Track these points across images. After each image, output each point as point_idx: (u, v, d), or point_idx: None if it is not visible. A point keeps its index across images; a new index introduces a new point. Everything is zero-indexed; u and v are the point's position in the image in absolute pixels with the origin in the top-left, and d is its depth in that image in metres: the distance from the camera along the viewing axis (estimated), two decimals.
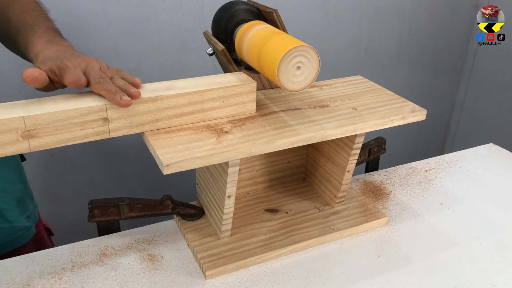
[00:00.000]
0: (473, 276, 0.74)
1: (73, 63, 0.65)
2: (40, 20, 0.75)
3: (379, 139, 1.02)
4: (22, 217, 0.88)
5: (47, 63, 0.65)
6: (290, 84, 0.69)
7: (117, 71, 0.69)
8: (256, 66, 0.74)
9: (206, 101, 0.71)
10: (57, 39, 0.71)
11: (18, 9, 0.76)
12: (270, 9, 0.79)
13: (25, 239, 0.89)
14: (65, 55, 0.66)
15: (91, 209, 0.79)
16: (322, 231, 0.81)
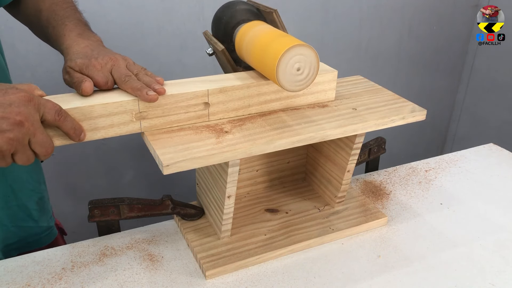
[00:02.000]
0: (473, 276, 0.74)
1: (100, 63, 0.67)
2: (70, 13, 0.77)
3: (379, 139, 1.02)
4: (46, 217, 0.89)
5: (76, 61, 0.67)
6: (289, 85, 0.68)
7: (141, 68, 0.71)
8: (256, 66, 0.74)
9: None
10: (87, 33, 0.74)
11: (48, 2, 0.79)
12: (270, 9, 0.79)
13: (49, 240, 0.90)
14: (93, 53, 0.69)
15: (91, 209, 0.79)
16: (322, 231, 0.81)
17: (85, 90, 0.65)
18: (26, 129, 0.56)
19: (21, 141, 0.56)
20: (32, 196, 0.85)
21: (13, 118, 0.55)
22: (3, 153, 0.55)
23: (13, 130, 0.55)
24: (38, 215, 0.87)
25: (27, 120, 0.56)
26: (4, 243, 0.81)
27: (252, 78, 0.74)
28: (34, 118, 0.57)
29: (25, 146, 0.57)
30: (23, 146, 0.57)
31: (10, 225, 0.82)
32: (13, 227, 0.82)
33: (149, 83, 0.67)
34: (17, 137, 0.55)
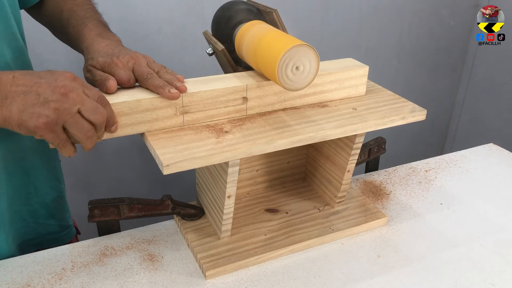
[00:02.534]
0: (473, 276, 0.74)
1: (122, 61, 0.68)
2: (90, 13, 0.79)
3: (379, 139, 1.02)
4: (65, 215, 0.90)
5: (98, 60, 0.68)
6: (289, 84, 0.69)
7: (162, 66, 0.72)
8: (255, 66, 0.74)
9: (325, 83, 0.78)
10: (106, 33, 0.75)
11: (69, 3, 0.80)
12: (270, 9, 0.79)
13: (68, 238, 0.91)
14: (114, 52, 0.70)
15: (91, 209, 0.79)
16: (322, 231, 0.81)
17: (109, 88, 0.66)
18: (72, 99, 0.57)
19: (68, 110, 0.57)
20: (52, 194, 0.85)
21: (58, 90, 0.57)
22: (51, 123, 0.56)
23: (58, 100, 0.56)
24: (58, 213, 0.87)
25: (71, 92, 0.57)
26: (23, 238, 0.82)
27: None
28: (79, 90, 0.58)
29: (75, 116, 0.58)
30: (72, 115, 0.57)
31: (30, 220, 0.82)
32: (33, 223, 0.83)
33: (170, 81, 0.68)
34: (63, 106, 0.56)
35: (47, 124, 0.56)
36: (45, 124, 0.56)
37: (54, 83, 0.57)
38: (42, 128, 0.56)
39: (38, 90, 0.56)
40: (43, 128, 0.56)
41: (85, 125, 0.59)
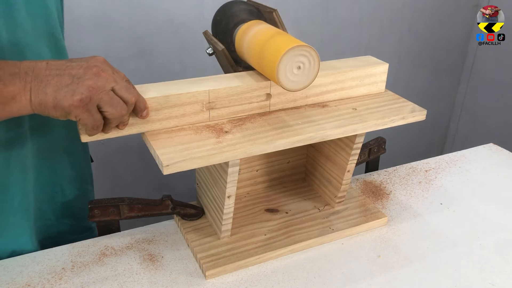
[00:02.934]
0: (473, 276, 0.74)
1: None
2: None
3: (379, 139, 1.02)
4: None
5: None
6: (290, 84, 0.68)
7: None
8: (256, 66, 0.74)
9: (346, 80, 0.80)
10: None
11: None
12: (270, 9, 0.79)
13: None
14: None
15: (91, 209, 0.79)
16: (322, 231, 0.81)
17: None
18: (104, 78, 0.59)
19: (103, 88, 0.58)
20: (77, 196, 0.86)
21: (91, 70, 0.58)
22: (86, 100, 0.57)
23: (91, 78, 0.58)
24: (81, 214, 0.87)
25: (104, 71, 0.59)
26: (44, 235, 0.82)
27: None
28: (110, 71, 0.60)
29: (110, 93, 0.59)
30: (107, 92, 0.59)
31: (53, 219, 0.83)
32: (56, 222, 0.84)
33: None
34: (97, 84, 0.58)
35: (82, 101, 0.57)
36: (79, 101, 0.57)
37: (86, 64, 0.59)
38: (77, 106, 0.57)
39: (71, 72, 0.58)
40: (78, 106, 0.57)
41: (120, 102, 0.60)
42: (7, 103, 0.57)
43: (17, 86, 0.57)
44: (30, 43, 0.68)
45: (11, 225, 0.75)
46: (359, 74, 0.80)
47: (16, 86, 0.57)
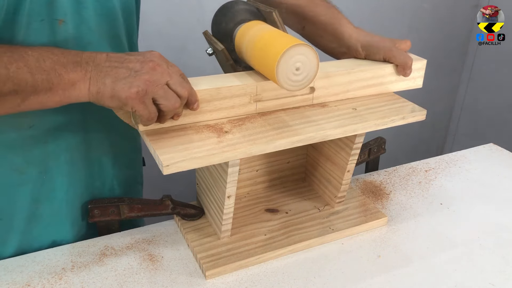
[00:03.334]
0: (473, 276, 0.74)
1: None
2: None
3: (379, 139, 1.02)
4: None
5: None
6: (289, 84, 0.68)
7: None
8: (255, 66, 0.74)
9: (386, 75, 0.82)
10: None
11: None
12: (270, 9, 0.79)
13: None
14: None
15: (91, 209, 0.79)
16: (322, 231, 0.81)
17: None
18: (160, 72, 0.62)
19: (158, 82, 0.61)
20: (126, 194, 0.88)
21: (147, 64, 0.62)
22: (142, 93, 0.60)
23: (148, 72, 0.61)
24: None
25: (159, 66, 0.62)
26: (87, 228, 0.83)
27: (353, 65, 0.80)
28: (165, 66, 0.63)
29: (165, 87, 0.62)
30: (162, 86, 0.61)
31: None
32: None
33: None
34: (152, 78, 0.61)
35: (138, 93, 0.60)
36: (136, 93, 0.60)
37: (143, 58, 0.62)
38: (133, 98, 0.60)
39: (129, 65, 0.61)
40: (134, 98, 0.60)
41: (174, 96, 0.63)
42: (67, 89, 0.60)
43: (78, 74, 0.60)
44: (93, 41, 0.72)
45: (55, 215, 0.78)
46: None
47: (77, 73, 0.60)
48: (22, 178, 0.73)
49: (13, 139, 0.71)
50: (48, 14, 0.66)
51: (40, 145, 0.73)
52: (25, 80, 0.58)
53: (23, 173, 0.73)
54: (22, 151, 0.72)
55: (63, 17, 0.67)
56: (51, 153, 0.74)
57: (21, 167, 0.73)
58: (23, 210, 0.75)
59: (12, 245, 0.76)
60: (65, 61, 0.60)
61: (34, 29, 0.65)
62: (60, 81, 0.59)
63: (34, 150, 0.73)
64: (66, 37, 0.68)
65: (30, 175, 0.74)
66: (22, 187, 0.74)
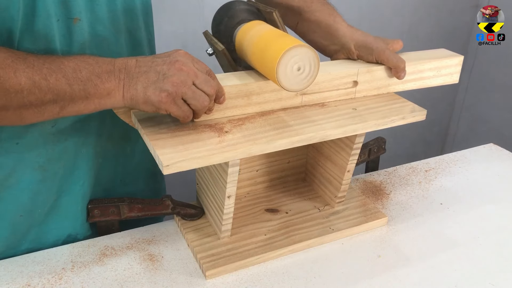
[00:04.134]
0: (473, 276, 0.74)
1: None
2: None
3: (379, 139, 1.02)
4: None
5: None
6: (289, 85, 0.68)
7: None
8: (256, 66, 0.74)
9: (425, 70, 0.84)
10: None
11: None
12: (270, 9, 0.79)
13: None
14: None
15: (91, 209, 0.79)
16: (322, 231, 0.81)
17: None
18: (186, 72, 0.63)
19: (185, 83, 0.63)
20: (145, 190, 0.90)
21: (173, 65, 0.63)
22: (172, 95, 0.63)
23: (175, 74, 0.63)
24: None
25: (185, 65, 0.64)
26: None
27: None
28: (191, 64, 0.65)
29: (192, 87, 0.63)
30: (189, 87, 0.63)
31: None
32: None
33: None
34: (179, 79, 0.63)
35: (169, 96, 0.62)
36: (167, 96, 0.62)
37: (169, 59, 0.64)
38: (165, 102, 0.63)
39: (157, 68, 0.63)
40: (166, 102, 0.63)
41: (202, 95, 0.64)
42: (102, 97, 0.63)
43: (112, 83, 0.63)
44: (108, 37, 0.73)
45: (71, 208, 0.79)
46: (437, 65, 0.85)
47: (111, 83, 0.63)
48: (44, 175, 0.75)
49: (36, 139, 0.72)
50: (63, 13, 0.67)
51: (61, 142, 0.74)
52: (64, 90, 0.60)
53: (46, 170, 0.74)
54: (45, 150, 0.73)
55: (78, 15, 0.68)
56: (71, 148, 0.76)
57: (44, 165, 0.74)
58: (45, 205, 0.77)
59: (30, 239, 0.77)
60: (100, 71, 0.62)
61: (52, 30, 0.66)
62: (96, 91, 0.62)
63: (55, 148, 0.74)
64: (82, 35, 0.70)
65: (52, 171, 0.75)
66: (44, 183, 0.75)
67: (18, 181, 0.73)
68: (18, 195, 0.74)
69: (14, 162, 0.72)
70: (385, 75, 0.81)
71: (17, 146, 0.71)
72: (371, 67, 0.79)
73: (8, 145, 0.70)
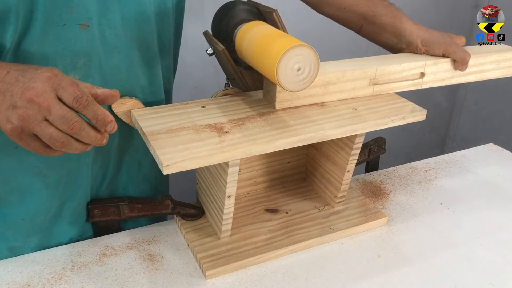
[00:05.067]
0: (473, 276, 0.74)
1: None
2: None
3: (379, 139, 1.02)
4: None
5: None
6: (289, 85, 0.68)
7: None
8: (256, 66, 0.74)
9: (486, 63, 0.89)
10: None
11: None
12: (270, 9, 0.79)
13: None
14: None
15: (91, 209, 0.79)
16: (322, 231, 0.81)
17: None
18: (37, 105, 0.53)
19: (34, 118, 0.53)
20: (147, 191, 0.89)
21: (26, 94, 0.53)
22: (17, 130, 0.54)
23: (23, 106, 0.53)
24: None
25: (38, 96, 0.53)
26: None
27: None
28: (50, 94, 0.54)
29: (42, 124, 0.54)
30: (37, 124, 0.54)
31: None
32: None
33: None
34: (27, 113, 0.53)
35: (13, 131, 0.54)
36: (11, 130, 0.54)
37: (27, 83, 0.54)
38: (10, 135, 0.55)
39: (13, 90, 0.53)
40: (11, 135, 0.55)
41: (54, 133, 0.55)
42: None
43: None
44: (119, 45, 0.70)
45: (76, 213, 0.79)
46: (496, 58, 0.90)
47: None
48: (46, 182, 0.74)
49: None
50: (70, 18, 0.63)
51: None
52: None
53: (46, 176, 0.73)
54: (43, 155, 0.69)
55: (87, 22, 0.65)
56: (72, 156, 0.74)
57: (43, 171, 0.73)
58: (48, 211, 0.76)
59: (33, 244, 0.77)
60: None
61: (53, 35, 0.63)
62: None
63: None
64: (90, 42, 0.66)
65: (53, 178, 0.74)
66: (47, 190, 0.74)
67: (19, 186, 0.73)
68: (20, 199, 0.73)
69: (13, 165, 0.71)
70: (450, 67, 0.86)
71: (16, 150, 0.69)
72: (437, 59, 0.84)
73: (7, 148, 0.69)
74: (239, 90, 0.83)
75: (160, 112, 0.74)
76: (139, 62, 0.75)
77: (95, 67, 0.70)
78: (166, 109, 0.75)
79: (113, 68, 0.72)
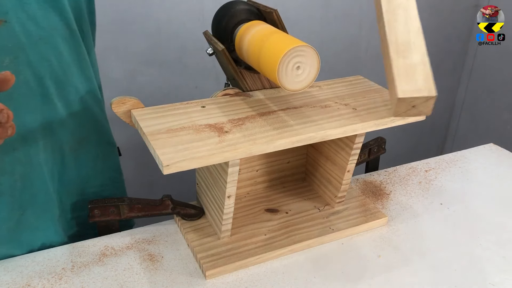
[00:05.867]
0: (473, 276, 0.74)
1: None
2: None
3: (379, 139, 1.02)
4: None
5: None
6: (290, 84, 0.69)
7: None
8: (256, 66, 0.74)
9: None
10: None
11: None
12: (270, 9, 0.79)
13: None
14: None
15: (91, 209, 0.79)
16: (322, 231, 0.81)
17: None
18: None
19: None
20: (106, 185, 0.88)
21: None
22: None
23: None
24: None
25: None
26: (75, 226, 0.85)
27: None
28: None
29: None
30: None
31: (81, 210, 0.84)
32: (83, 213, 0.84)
33: None
34: None
35: None
36: None
37: None
38: None
39: None
40: None
41: None
42: None
43: None
44: (44, 35, 0.68)
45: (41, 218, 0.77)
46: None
47: None
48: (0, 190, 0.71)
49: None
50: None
51: (9, 153, 0.70)
52: None
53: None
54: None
55: (3, 17, 0.63)
56: (22, 159, 0.71)
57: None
58: (6, 221, 0.73)
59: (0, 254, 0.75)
60: None
61: None
62: None
63: (4, 159, 0.70)
64: (12, 38, 0.64)
65: (6, 185, 0.71)
66: (1, 198, 0.71)
67: None
68: None
69: None
70: None
71: None
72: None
73: None
74: (239, 90, 0.83)
75: (160, 112, 0.74)
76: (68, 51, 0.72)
77: (23, 63, 0.67)
78: (166, 109, 0.75)
79: (44, 61, 0.69)
